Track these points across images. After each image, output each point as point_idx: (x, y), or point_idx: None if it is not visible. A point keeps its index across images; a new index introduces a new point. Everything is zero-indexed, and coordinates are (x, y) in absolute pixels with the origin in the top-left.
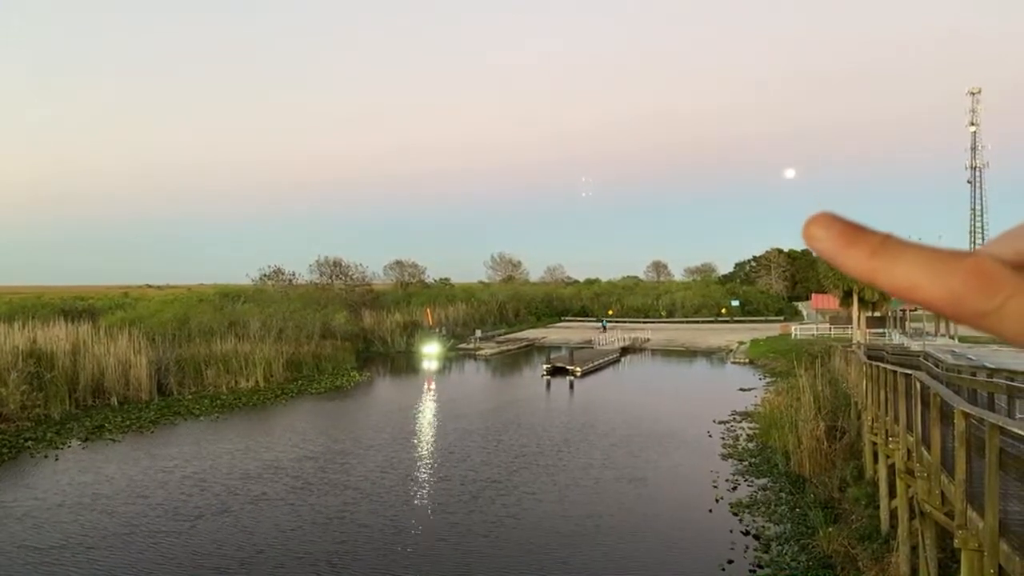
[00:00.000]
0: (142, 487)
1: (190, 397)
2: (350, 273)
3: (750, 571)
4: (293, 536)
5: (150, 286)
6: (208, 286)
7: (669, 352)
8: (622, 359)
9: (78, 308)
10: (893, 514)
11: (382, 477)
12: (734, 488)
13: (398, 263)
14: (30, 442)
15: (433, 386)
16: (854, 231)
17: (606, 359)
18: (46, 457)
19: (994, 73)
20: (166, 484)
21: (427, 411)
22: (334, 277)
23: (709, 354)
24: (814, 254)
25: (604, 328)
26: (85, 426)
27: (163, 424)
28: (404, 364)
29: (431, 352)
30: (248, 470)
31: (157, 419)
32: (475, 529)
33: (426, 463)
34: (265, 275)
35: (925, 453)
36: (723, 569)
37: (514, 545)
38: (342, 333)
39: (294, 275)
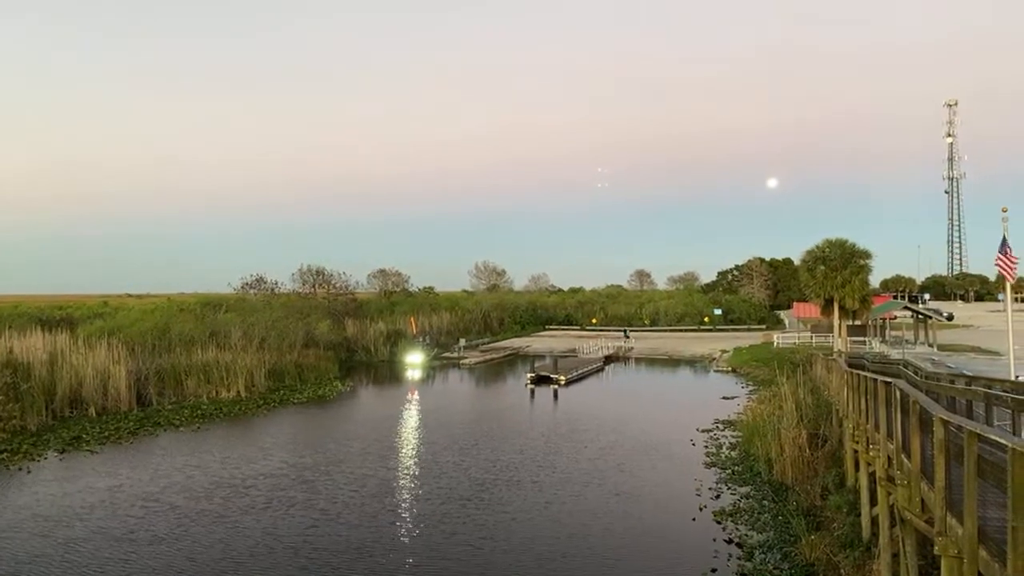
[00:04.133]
0: (99, 506)
1: (170, 407)
2: (333, 282)
3: None
4: (251, 562)
5: (130, 295)
6: (189, 295)
7: (653, 360)
8: (606, 368)
9: (56, 317)
10: (874, 521)
11: (353, 496)
12: (717, 496)
13: (381, 272)
14: (5, 454)
15: (416, 396)
16: None
17: (590, 368)
18: (20, 469)
19: (971, 84)
20: (122, 504)
21: (408, 422)
22: (317, 286)
23: (692, 362)
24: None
25: (627, 336)
26: (62, 437)
27: (142, 435)
28: (387, 373)
29: (415, 361)
30: (214, 487)
31: (136, 430)
32: (451, 553)
33: (403, 479)
34: (247, 284)
35: (905, 461)
36: None
37: (494, 569)
38: (325, 342)
39: (276, 284)
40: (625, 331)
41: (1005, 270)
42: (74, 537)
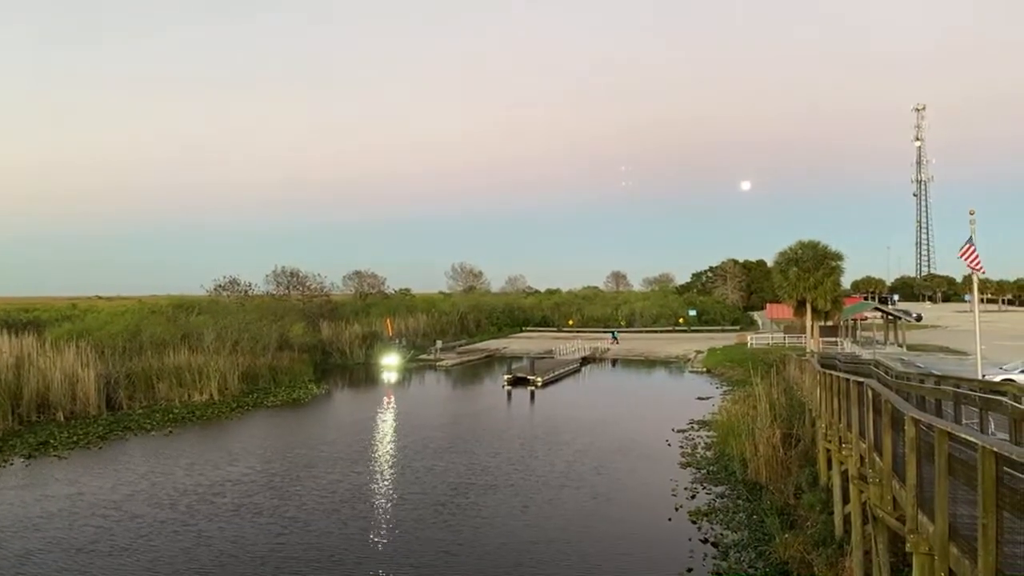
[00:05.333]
0: (58, 515)
1: (141, 412)
2: (308, 283)
3: None
4: (216, 571)
5: (100, 297)
6: (161, 297)
7: (629, 361)
8: (582, 368)
9: (22, 320)
10: (847, 519)
11: (323, 503)
12: (693, 496)
13: (357, 273)
14: None
15: (391, 399)
16: None
17: (567, 369)
18: None
19: (940, 89)
20: (83, 512)
21: (384, 426)
22: (291, 288)
23: (667, 363)
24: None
25: (615, 339)
26: (28, 443)
27: (112, 439)
28: (363, 376)
29: (390, 363)
30: (179, 494)
31: (106, 434)
32: (425, 559)
33: (376, 484)
34: (220, 285)
35: (877, 459)
36: None
37: (469, 574)
38: (299, 345)
39: (250, 285)
40: (613, 332)
41: (970, 265)
42: (30, 548)
